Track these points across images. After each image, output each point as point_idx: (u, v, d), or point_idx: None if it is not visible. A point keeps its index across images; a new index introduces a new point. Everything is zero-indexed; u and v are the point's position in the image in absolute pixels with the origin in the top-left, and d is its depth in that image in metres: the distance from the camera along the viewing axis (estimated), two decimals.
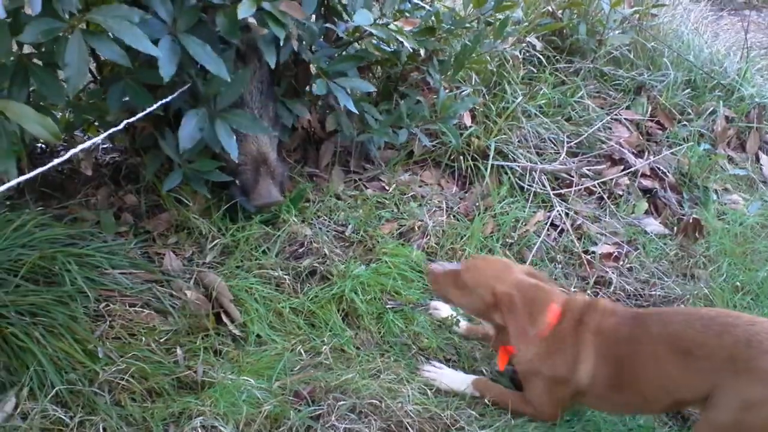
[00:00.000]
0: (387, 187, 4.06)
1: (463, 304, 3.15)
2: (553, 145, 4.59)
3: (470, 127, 4.38)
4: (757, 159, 5.40)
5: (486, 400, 3.08)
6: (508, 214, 4.05)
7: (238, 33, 3.04)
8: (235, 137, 3.19)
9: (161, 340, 2.96)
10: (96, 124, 3.56)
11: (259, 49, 3.26)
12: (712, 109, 5.34)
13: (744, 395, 2.67)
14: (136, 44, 2.53)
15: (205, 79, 3.15)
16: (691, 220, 4.37)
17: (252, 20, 3.06)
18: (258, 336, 3.13)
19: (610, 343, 2.95)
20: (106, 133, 2.06)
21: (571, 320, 3.00)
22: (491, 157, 4.26)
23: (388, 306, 3.41)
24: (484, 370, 3.30)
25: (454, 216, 4.01)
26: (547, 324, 2.97)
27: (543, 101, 4.74)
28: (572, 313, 3.01)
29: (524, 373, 3.11)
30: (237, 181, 3.51)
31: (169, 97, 2.70)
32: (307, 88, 3.93)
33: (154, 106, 2.39)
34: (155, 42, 2.71)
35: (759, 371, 2.66)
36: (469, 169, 4.27)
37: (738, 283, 4.09)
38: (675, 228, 4.41)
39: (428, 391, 3.03)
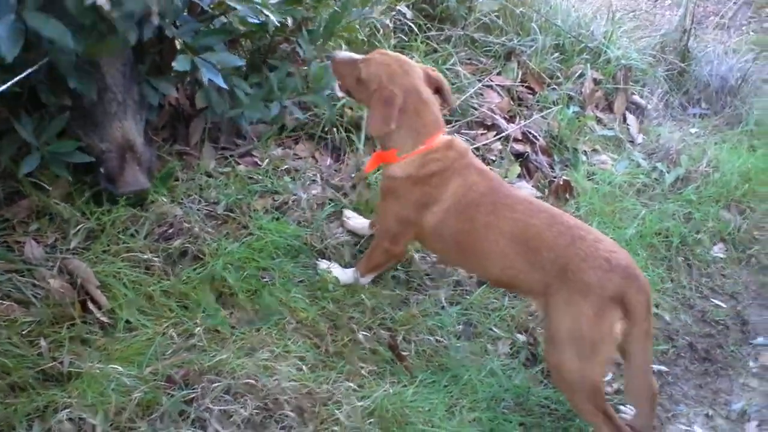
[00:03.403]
0: (260, 162, 3.99)
1: (359, 97, 3.39)
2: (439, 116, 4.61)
3: (343, 97, 4.35)
4: (624, 119, 5.55)
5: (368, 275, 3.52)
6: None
7: (91, 15, 2.92)
8: None
9: (23, 332, 2.84)
10: None
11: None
12: (580, 72, 5.46)
13: (572, 306, 2.87)
14: None
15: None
16: (561, 182, 4.47)
17: (102, 1, 2.89)
18: (127, 322, 3.03)
19: (470, 202, 3.16)
20: None
21: (447, 160, 3.21)
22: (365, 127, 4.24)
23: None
24: (362, 336, 3.31)
25: (329, 188, 3.97)
26: (423, 145, 3.21)
27: None
28: (452, 153, 3.24)
29: (386, 189, 3.35)
30: (102, 169, 3.39)
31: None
32: (174, 64, 3.82)
33: None
34: None
35: (580, 283, 2.85)
36: (342, 140, 4.24)
37: None
38: (546, 190, 4.50)
39: (304, 366, 3.02)
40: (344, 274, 3.51)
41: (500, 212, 3.09)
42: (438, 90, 3.31)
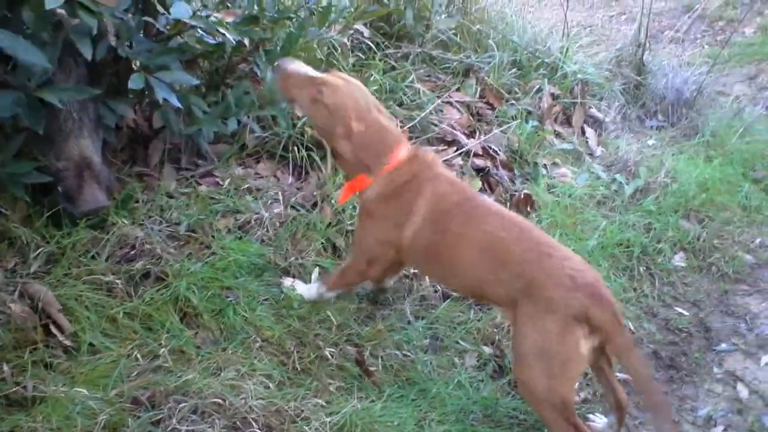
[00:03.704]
0: (221, 182, 3.97)
1: (311, 118, 3.31)
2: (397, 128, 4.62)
3: (303, 116, 4.34)
4: (583, 132, 5.60)
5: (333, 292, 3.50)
6: (346, 201, 4.03)
7: (48, 27, 2.90)
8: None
9: None
10: None
11: (74, 48, 3.12)
12: (537, 87, 5.51)
13: (537, 323, 2.86)
14: None
15: (13, 68, 3.00)
16: (522, 196, 4.50)
17: (62, 11, 2.89)
18: (91, 345, 3.00)
19: (443, 212, 3.16)
20: None
21: (415, 171, 3.22)
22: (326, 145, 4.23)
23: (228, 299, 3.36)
24: (328, 352, 3.29)
25: (291, 207, 3.97)
26: (389, 163, 3.19)
27: (374, 87, 4.73)
28: (417, 164, 3.23)
29: (364, 212, 3.35)
30: (60, 188, 3.36)
31: None
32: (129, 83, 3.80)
33: None
34: None
35: (544, 300, 2.84)
36: (304, 159, 4.22)
37: None
38: (508, 204, 4.52)
39: (271, 384, 3.00)
40: (308, 291, 3.49)
41: (473, 223, 3.09)
42: None
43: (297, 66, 3.27)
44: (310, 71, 3.27)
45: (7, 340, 2.89)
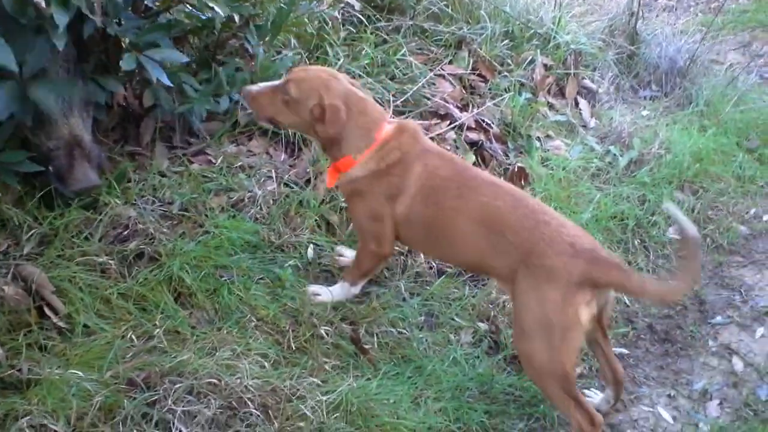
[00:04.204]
0: (214, 161, 3.94)
1: (291, 121, 3.31)
2: (379, 105, 4.59)
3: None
4: (576, 104, 5.57)
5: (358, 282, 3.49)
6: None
7: (29, 10, 2.86)
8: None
9: None
10: None
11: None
12: (530, 58, 5.46)
13: (538, 292, 2.87)
14: None
15: None
16: (516, 169, 4.49)
17: None
18: (85, 326, 2.99)
19: (435, 186, 3.17)
20: None
21: (405, 146, 3.22)
22: None
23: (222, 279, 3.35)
24: (324, 331, 3.30)
25: (285, 184, 3.95)
26: (375, 140, 3.21)
27: (366, 61, 4.70)
28: (406, 137, 3.24)
29: (351, 193, 3.33)
30: (51, 168, 3.33)
31: None
32: (120, 62, 3.76)
33: None
34: None
35: (545, 269, 2.86)
36: (297, 135, 4.20)
37: None
38: (502, 178, 4.50)
39: (266, 363, 3.00)
40: (335, 293, 3.48)
41: (467, 196, 3.10)
42: None
43: (258, 86, 3.34)
44: (270, 83, 3.34)
45: (0, 323, 2.88)
